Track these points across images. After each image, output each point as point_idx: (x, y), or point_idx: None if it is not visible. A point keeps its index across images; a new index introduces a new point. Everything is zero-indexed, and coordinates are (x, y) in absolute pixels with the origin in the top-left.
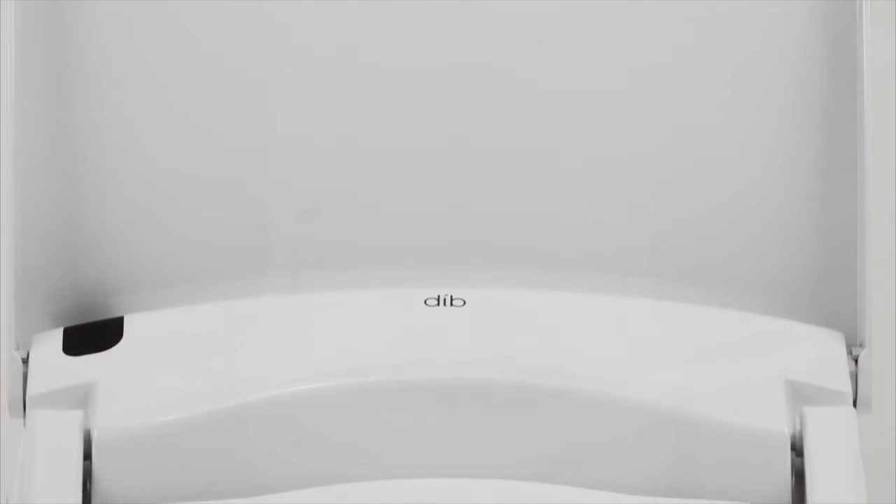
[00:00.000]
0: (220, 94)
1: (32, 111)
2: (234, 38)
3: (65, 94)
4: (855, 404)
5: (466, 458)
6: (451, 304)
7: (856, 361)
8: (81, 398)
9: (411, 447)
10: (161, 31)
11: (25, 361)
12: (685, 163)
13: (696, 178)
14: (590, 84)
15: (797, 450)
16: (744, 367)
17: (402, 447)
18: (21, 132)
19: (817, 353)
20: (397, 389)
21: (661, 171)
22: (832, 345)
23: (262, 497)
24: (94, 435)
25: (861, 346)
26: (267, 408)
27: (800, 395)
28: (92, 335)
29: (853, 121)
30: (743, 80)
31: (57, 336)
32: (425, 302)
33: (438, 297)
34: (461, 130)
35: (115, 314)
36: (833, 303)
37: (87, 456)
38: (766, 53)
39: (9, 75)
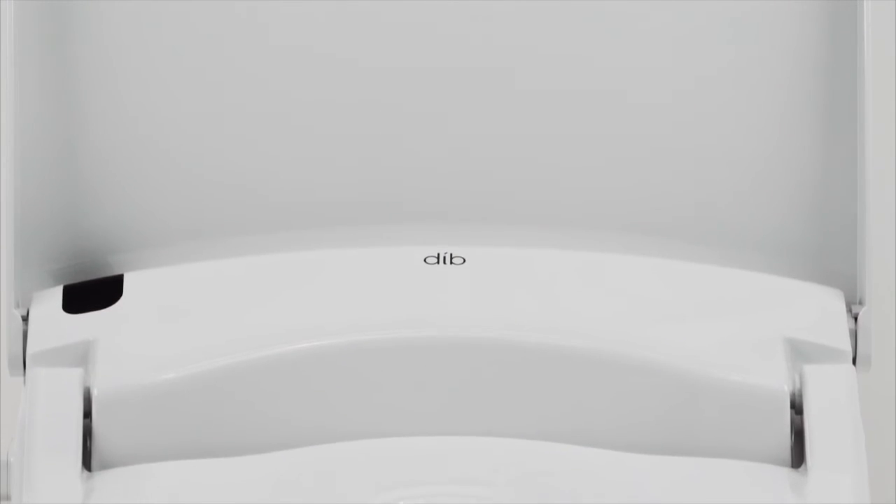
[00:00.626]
0: (220, 51)
1: (32, 69)
2: None
3: (65, 51)
4: (854, 362)
5: (466, 416)
6: (451, 263)
7: (855, 319)
8: (81, 356)
9: (411, 405)
10: None
11: (25, 319)
12: (687, 121)
13: (698, 136)
14: (591, 43)
15: (797, 407)
16: (744, 325)
17: (401, 405)
18: (20, 89)
19: (817, 310)
20: (397, 347)
21: (662, 130)
22: (832, 303)
23: (262, 455)
24: (94, 393)
25: (861, 303)
26: (267, 365)
27: (799, 352)
28: (92, 293)
29: (854, 82)
30: (745, 38)
31: (57, 294)
32: (425, 260)
33: (438, 255)
34: (462, 88)
35: (115, 272)
36: (833, 261)
37: (87, 414)
38: (768, 10)
39: (8, 29)
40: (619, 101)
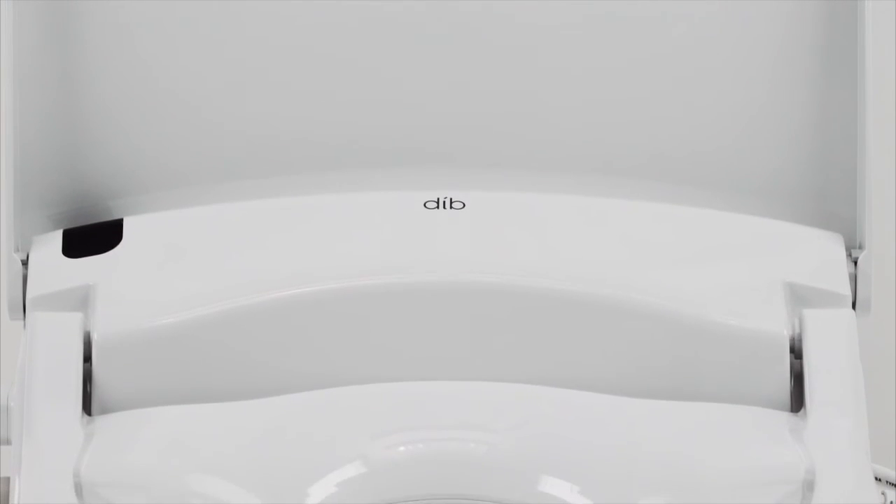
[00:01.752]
0: None
1: (31, 13)
2: None
3: None
4: (854, 306)
5: (466, 361)
6: (451, 207)
7: (855, 263)
8: (81, 300)
9: (411, 350)
10: None
11: (25, 263)
12: (687, 65)
13: (698, 80)
14: None
15: (796, 352)
16: (743, 270)
17: (401, 350)
18: (20, 33)
19: (817, 255)
20: (397, 292)
21: (663, 74)
22: (832, 247)
23: (262, 399)
24: (94, 337)
25: (860, 248)
26: (266, 310)
27: (799, 297)
28: (91, 237)
29: (854, 25)
30: None
31: (56, 238)
32: (425, 204)
33: (438, 199)
34: (462, 31)
35: (115, 216)
36: (833, 205)
37: (87, 358)
38: None
39: None
40: (620, 45)
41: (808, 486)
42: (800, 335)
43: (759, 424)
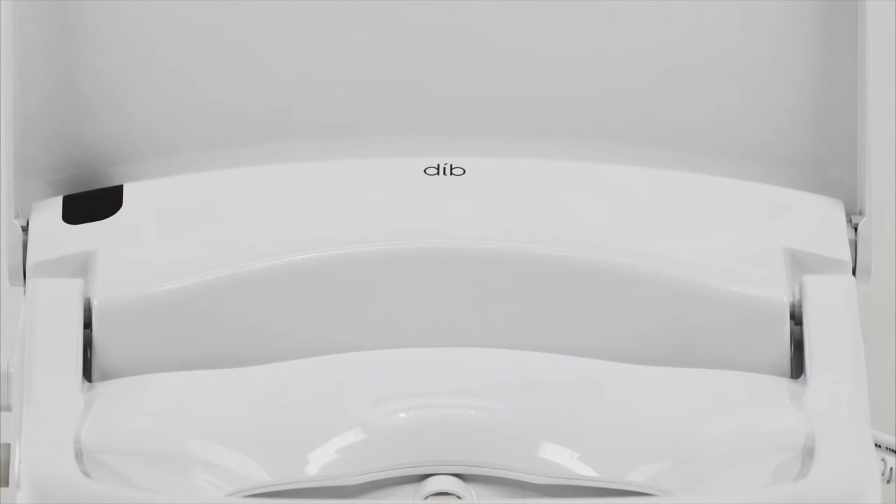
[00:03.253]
0: None
1: None
2: None
3: None
4: (854, 272)
5: (466, 328)
6: (451, 173)
7: (855, 229)
8: (81, 266)
9: (411, 317)
10: None
11: (25, 230)
12: (687, 30)
13: (698, 45)
14: None
15: (796, 318)
16: (743, 236)
17: (401, 317)
18: (20, 2)
19: (817, 221)
20: (397, 258)
21: (662, 39)
22: (832, 213)
23: (262, 366)
24: (94, 303)
25: (861, 214)
26: (267, 277)
27: (799, 263)
28: (91, 204)
29: None
30: None
31: (56, 204)
32: (425, 171)
33: (438, 165)
34: None
35: (115, 183)
36: (833, 171)
37: (88, 324)
38: None
39: None
40: (620, 11)
41: (808, 453)
42: (800, 301)
43: (758, 391)
